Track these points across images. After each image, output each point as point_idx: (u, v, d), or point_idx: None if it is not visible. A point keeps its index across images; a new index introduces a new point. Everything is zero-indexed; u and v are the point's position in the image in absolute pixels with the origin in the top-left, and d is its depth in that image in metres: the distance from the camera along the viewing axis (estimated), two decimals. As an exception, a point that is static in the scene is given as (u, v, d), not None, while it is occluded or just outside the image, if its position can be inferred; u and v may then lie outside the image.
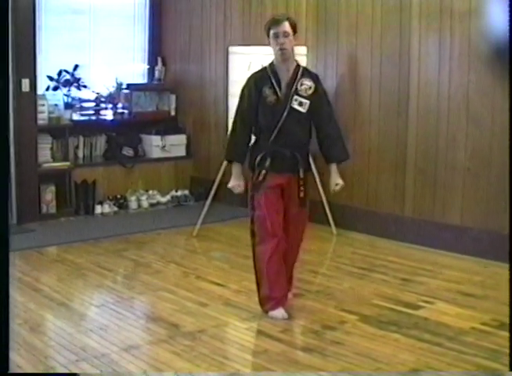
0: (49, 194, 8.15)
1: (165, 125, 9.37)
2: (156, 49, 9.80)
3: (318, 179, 7.52)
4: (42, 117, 8.10)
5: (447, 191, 6.75)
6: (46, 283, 5.82)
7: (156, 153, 9.23)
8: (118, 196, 8.72)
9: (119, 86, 9.25)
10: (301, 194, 5.01)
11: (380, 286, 5.77)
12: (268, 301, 5.01)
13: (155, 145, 9.21)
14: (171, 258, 6.66)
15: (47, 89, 8.61)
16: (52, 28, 8.80)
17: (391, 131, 7.20)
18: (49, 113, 8.25)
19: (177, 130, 9.45)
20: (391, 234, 7.19)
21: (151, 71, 9.80)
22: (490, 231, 6.22)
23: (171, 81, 9.68)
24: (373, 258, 6.59)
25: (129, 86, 9.34)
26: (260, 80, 5.03)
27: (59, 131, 8.37)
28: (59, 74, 8.75)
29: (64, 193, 8.33)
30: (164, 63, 9.74)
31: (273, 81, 4.98)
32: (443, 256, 6.60)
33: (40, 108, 8.05)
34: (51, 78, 8.67)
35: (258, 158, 4.98)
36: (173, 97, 9.58)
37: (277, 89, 4.97)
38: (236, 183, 5.11)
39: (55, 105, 8.45)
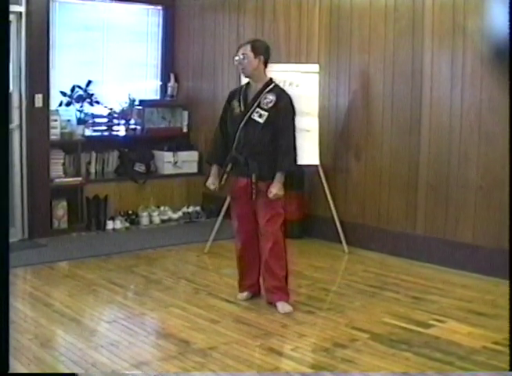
0: (61, 209, 8.17)
1: (177, 142, 9.40)
2: (169, 66, 9.85)
3: (329, 196, 7.53)
4: (55, 133, 8.14)
5: (459, 209, 6.73)
6: (57, 299, 5.82)
7: (168, 170, 9.25)
8: (130, 211, 8.74)
9: (132, 102, 9.29)
10: (253, 197, 5.48)
11: (392, 304, 5.75)
12: (239, 287, 5.88)
13: (167, 161, 9.24)
14: (182, 274, 6.66)
15: (60, 105, 8.64)
16: (65, 44, 8.86)
17: (403, 148, 7.19)
18: (62, 128, 8.30)
19: (189, 146, 9.48)
20: (402, 252, 7.17)
21: (164, 88, 9.85)
22: (502, 249, 6.17)
23: (184, 97, 9.72)
24: (384, 277, 6.57)
25: (142, 102, 9.38)
26: (233, 94, 5.70)
27: (71, 146, 8.42)
28: (72, 89, 8.78)
29: (76, 209, 8.35)
30: (176, 80, 9.78)
31: (241, 95, 5.59)
32: (455, 275, 6.58)
33: (52, 123, 8.09)
34: (64, 94, 8.71)
35: (226, 162, 5.61)
36: (185, 114, 9.61)
37: (241, 102, 5.55)
38: (210, 182, 5.77)
39: (68, 120, 8.51)
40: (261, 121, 5.45)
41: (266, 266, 5.57)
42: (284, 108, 5.50)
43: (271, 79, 5.62)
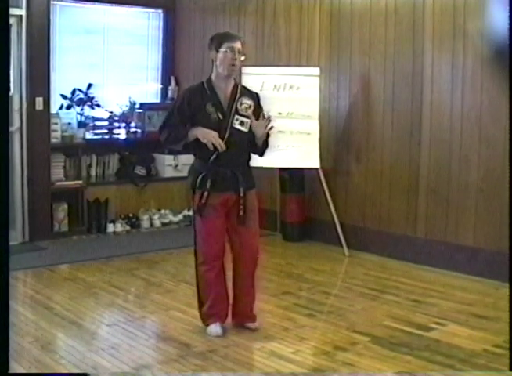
0: (62, 212, 8.16)
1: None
2: (170, 69, 9.85)
3: (330, 199, 7.53)
4: (55, 136, 8.14)
5: (459, 212, 6.73)
6: (58, 302, 5.81)
7: (168, 173, 9.24)
8: (130, 215, 8.73)
9: (132, 105, 9.29)
10: (241, 212, 4.94)
11: (392, 307, 5.74)
12: (208, 318, 5.09)
13: (167, 164, 9.23)
14: (183, 277, 6.64)
15: (60, 108, 8.65)
16: (66, 48, 8.86)
17: (403, 151, 7.19)
18: (62, 131, 8.29)
19: (189, 149, 9.46)
20: (403, 255, 7.16)
21: (164, 91, 9.85)
22: (503, 252, 6.15)
23: (184, 100, 9.70)
24: (385, 280, 6.57)
25: (142, 105, 9.37)
26: (196, 96, 4.96)
27: (72, 149, 8.41)
28: (73, 92, 8.79)
29: (76, 212, 8.35)
30: (177, 83, 9.78)
31: (215, 98, 4.92)
32: (455, 277, 6.58)
33: (53, 126, 8.08)
34: (64, 97, 8.71)
35: (199, 179, 4.95)
36: (186, 117, 9.60)
37: (219, 107, 4.91)
38: (212, 135, 4.84)
39: (69, 123, 8.49)
40: (244, 129, 4.93)
41: (245, 288, 5.13)
42: (261, 109, 5.07)
43: (235, 79, 5.08)
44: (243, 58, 4.94)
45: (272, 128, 4.99)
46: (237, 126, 4.92)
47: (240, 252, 5.05)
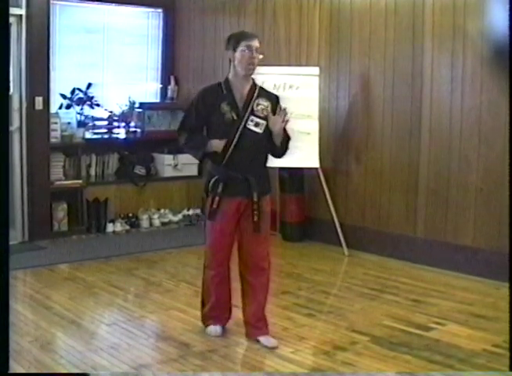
0: (61, 212, 8.16)
1: (177, 144, 9.36)
2: (169, 68, 9.85)
3: (329, 199, 7.53)
4: (55, 135, 8.13)
5: (459, 212, 6.73)
6: (57, 301, 5.81)
7: (168, 172, 9.24)
8: (130, 214, 8.73)
9: (132, 105, 9.29)
10: (255, 218, 4.80)
11: (392, 307, 5.75)
12: (208, 319, 5.10)
13: (167, 164, 9.22)
14: (183, 277, 6.65)
15: (60, 107, 8.65)
16: (66, 47, 8.87)
17: (403, 151, 7.19)
18: (62, 131, 8.28)
19: (189, 149, 9.46)
20: (402, 255, 7.16)
21: (164, 90, 9.85)
22: (502, 252, 6.16)
23: (184, 100, 9.67)
24: (384, 279, 6.57)
25: (142, 105, 9.37)
26: (212, 95, 4.85)
27: (71, 149, 8.40)
28: (73, 92, 8.79)
29: (76, 211, 8.34)
30: (176, 82, 9.78)
31: (231, 98, 4.79)
32: (455, 277, 6.58)
33: (53, 126, 8.07)
34: (64, 97, 8.71)
35: (211, 182, 4.82)
36: (185, 116, 9.60)
37: (234, 106, 4.78)
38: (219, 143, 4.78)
39: (68, 123, 8.49)
40: (258, 130, 4.77)
41: (251, 297, 5.01)
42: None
43: (253, 80, 4.90)
44: (261, 56, 4.79)
45: (288, 121, 4.80)
46: (252, 127, 4.77)
47: (247, 259, 4.95)
